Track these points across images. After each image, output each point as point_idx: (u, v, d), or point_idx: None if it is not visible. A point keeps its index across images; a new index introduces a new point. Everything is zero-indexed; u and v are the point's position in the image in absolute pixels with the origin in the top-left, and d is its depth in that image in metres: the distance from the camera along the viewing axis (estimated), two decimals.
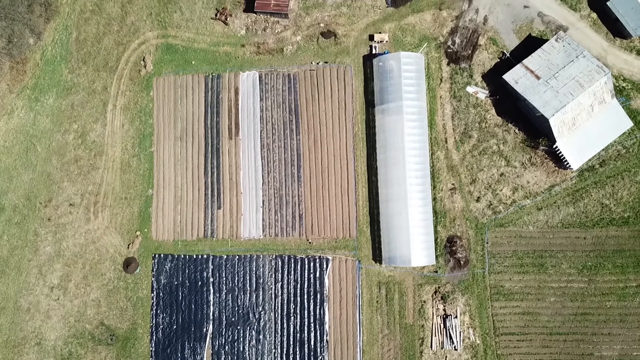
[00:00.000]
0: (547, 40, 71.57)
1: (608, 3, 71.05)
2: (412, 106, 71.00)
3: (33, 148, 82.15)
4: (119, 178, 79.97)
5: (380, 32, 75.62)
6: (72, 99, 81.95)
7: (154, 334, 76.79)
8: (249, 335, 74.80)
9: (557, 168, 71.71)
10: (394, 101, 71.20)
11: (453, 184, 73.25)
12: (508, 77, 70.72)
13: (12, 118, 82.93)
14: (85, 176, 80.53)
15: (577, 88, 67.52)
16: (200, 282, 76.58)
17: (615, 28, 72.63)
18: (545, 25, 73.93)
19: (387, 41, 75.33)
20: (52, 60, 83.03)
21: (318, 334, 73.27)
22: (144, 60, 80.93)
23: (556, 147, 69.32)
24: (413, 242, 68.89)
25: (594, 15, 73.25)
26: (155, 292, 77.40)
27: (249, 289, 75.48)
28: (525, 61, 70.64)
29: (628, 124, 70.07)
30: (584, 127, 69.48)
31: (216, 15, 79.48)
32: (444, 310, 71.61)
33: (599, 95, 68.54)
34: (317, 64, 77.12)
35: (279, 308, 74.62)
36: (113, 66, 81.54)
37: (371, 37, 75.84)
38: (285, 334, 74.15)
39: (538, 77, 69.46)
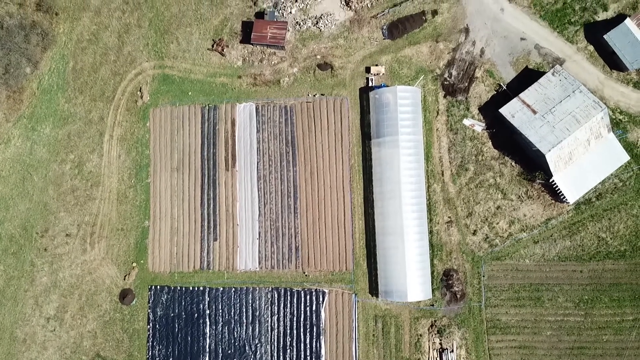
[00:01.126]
0: (544, 72, 71.42)
1: (605, 36, 70.73)
2: (408, 140, 70.87)
3: (29, 178, 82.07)
4: (116, 209, 79.87)
5: (376, 65, 75.43)
6: (68, 129, 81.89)
7: None
8: None
9: (553, 201, 71.58)
10: (390, 135, 71.07)
11: (449, 217, 73.13)
12: (504, 111, 70.61)
13: (9, 147, 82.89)
14: (82, 206, 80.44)
15: (574, 123, 67.41)
16: (196, 314, 76.46)
17: (612, 61, 72.39)
18: (542, 58, 73.80)
19: (383, 73, 75.14)
20: (49, 89, 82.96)
21: None
22: (140, 90, 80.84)
23: (553, 181, 69.23)
24: (409, 277, 68.74)
25: (591, 47, 73.07)
26: (151, 324, 77.26)
27: (245, 321, 75.34)
28: (521, 95, 70.54)
29: (624, 158, 69.89)
30: (581, 161, 69.36)
31: (213, 46, 79.38)
32: (441, 344, 71.46)
33: (596, 130, 68.46)
34: (314, 95, 76.99)
35: (275, 341, 74.45)
36: (110, 96, 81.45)
37: (368, 70, 75.64)
38: None
39: (534, 112, 69.38)
